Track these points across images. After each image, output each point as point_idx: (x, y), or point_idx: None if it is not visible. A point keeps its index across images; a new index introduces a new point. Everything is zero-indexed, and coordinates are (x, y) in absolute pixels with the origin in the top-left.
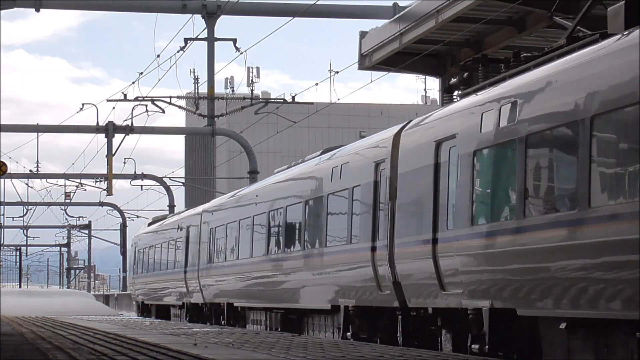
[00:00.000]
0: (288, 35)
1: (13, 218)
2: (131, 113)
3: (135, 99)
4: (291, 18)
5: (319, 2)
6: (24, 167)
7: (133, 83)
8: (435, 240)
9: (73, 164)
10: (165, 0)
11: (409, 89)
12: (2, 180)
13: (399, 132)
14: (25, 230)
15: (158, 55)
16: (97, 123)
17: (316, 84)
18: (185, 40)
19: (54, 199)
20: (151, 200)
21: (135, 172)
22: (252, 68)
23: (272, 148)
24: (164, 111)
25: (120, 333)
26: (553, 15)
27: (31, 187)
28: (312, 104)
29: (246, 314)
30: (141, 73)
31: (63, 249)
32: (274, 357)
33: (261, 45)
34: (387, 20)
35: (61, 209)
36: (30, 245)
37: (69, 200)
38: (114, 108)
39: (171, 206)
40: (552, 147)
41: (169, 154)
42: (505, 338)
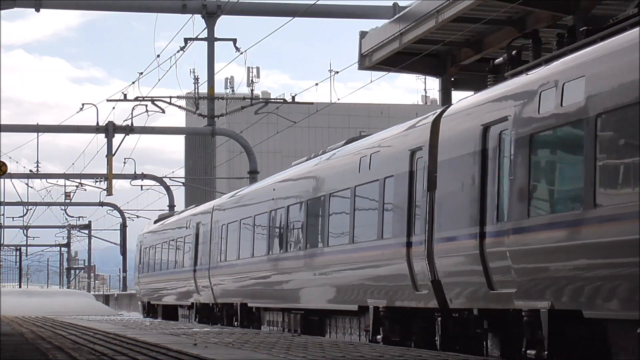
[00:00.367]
0: (288, 35)
1: (13, 218)
2: (131, 113)
3: (135, 99)
4: (291, 18)
5: (319, 2)
6: (24, 167)
7: (133, 83)
8: (483, 235)
9: (73, 164)
10: (165, 0)
11: (409, 89)
12: (2, 180)
13: (439, 117)
14: (25, 230)
15: (158, 55)
16: (97, 123)
17: (316, 84)
18: (185, 40)
19: (54, 199)
20: (151, 200)
21: (135, 172)
22: (252, 68)
23: (272, 148)
24: (164, 111)
25: (120, 333)
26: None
27: (31, 187)
28: (312, 104)
29: (261, 315)
30: (141, 73)
31: (63, 249)
32: (274, 357)
33: (261, 45)
34: (387, 20)
35: (61, 209)
36: (30, 245)
37: (69, 200)
38: (114, 108)
39: (171, 206)
40: (628, 127)
41: (169, 154)
42: (568, 343)
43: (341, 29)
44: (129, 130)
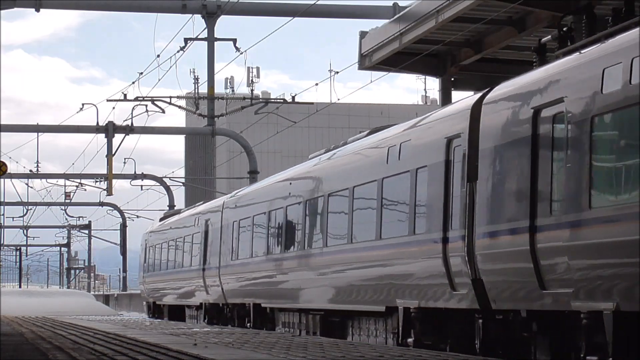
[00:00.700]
0: (288, 35)
1: (13, 218)
2: (131, 113)
3: (135, 99)
4: (291, 18)
5: (319, 2)
6: (24, 167)
7: (133, 83)
8: (534, 229)
9: (73, 164)
10: (165, 0)
11: (409, 89)
12: (2, 180)
13: (479, 102)
14: (25, 230)
15: (158, 55)
16: (97, 123)
17: (316, 84)
18: (185, 40)
19: (54, 199)
20: (151, 200)
21: (135, 172)
22: (252, 68)
23: (272, 148)
24: (164, 111)
25: (120, 333)
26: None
27: (31, 187)
28: (312, 104)
29: (275, 316)
30: (141, 73)
31: (63, 249)
32: (274, 357)
33: (261, 45)
34: (387, 20)
35: (61, 209)
36: (30, 245)
37: (69, 200)
38: (113, 108)
39: (171, 206)
40: None
41: (169, 154)
42: (636, 348)
43: (341, 29)
44: (129, 130)
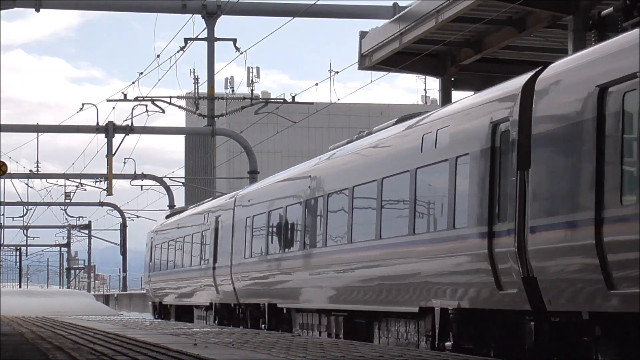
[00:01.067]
0: (288, 35)
1: (13, 218)
2: (131, 113)
3: (135, 99)
4: (291, 18)
5: (319, 2)
6: (24, 167)
7: (133, 83)
8: (600, 221)
9: (73, 164)
10: (165, 0)
11: (409, 89)
12: (2, 180)
13: (530, 83)
14: (25, 230)
15: (158, 55)
16: (97, 123)
17: (316, 84)
18: (185, 40)
19: (54, 199)
20: (151, 200)
21: (135, 172)
22: (252, 68)
23: (272, 148)
24: (164, 111)
25: (120, 333)
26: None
27: (31, 187)
28: (312, 104)
29: (292, 317)
30: (141, 73)
31: (63, 249)
32: (274, 357)
33: (261, 45)
34: (387, 20)
35: (61, 209)
36: (30, 245)
37: (69, 200)
38: (113, 108)
39: (171, 206)
40: None
41: (169, 154)
42: None
43: (341, 29)
44: (128, 130)
